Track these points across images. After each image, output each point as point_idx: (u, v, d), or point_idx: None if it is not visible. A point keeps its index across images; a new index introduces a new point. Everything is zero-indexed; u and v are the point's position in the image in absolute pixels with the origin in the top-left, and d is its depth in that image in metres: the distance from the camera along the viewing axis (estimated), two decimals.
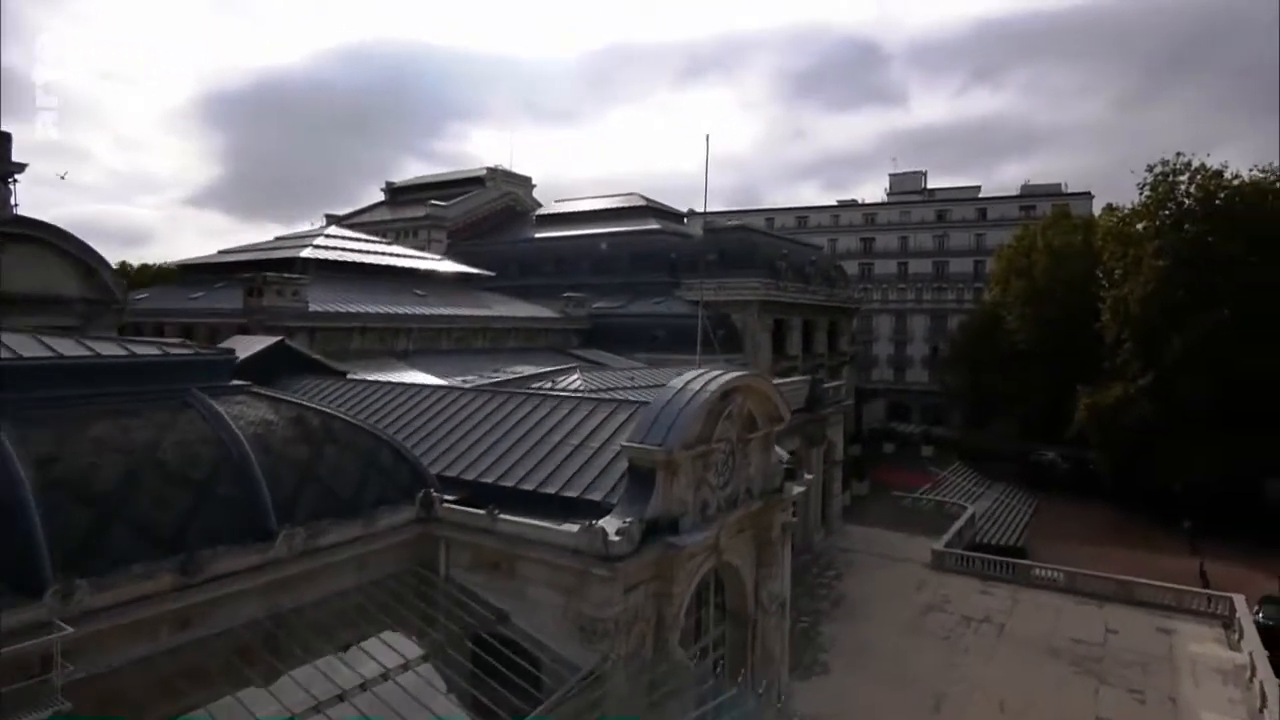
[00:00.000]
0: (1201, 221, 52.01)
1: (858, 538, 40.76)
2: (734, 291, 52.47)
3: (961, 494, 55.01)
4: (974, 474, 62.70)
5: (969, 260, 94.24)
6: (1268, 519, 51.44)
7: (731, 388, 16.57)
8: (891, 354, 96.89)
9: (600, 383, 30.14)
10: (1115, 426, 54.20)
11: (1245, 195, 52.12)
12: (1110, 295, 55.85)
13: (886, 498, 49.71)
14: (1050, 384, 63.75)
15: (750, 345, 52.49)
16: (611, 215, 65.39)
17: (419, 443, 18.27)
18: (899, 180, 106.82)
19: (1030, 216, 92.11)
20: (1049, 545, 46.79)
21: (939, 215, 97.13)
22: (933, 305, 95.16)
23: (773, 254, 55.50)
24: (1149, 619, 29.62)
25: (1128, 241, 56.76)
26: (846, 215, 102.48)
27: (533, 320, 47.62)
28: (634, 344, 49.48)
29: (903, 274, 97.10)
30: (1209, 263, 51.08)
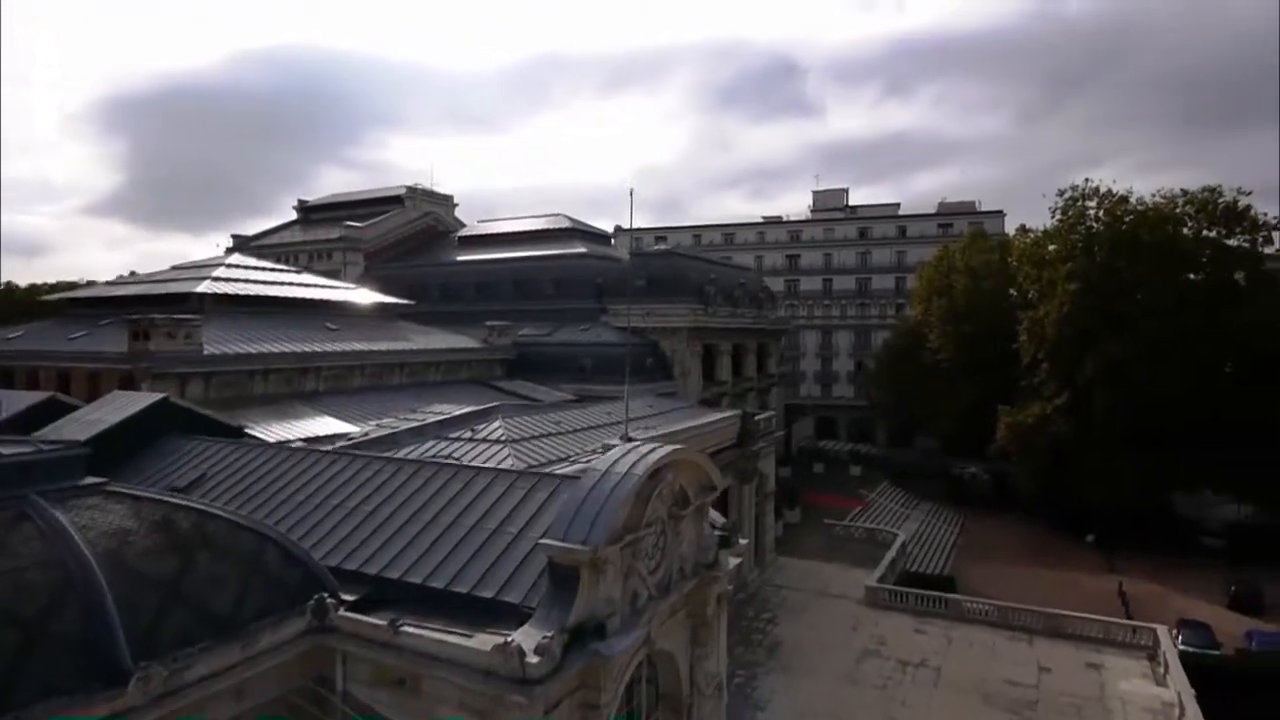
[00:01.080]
0: (1109, 246, 53.97)
1: (791, 572, 40.18)
2: (662, 318, 51.56)
3: (891, 517, 55.48)
4: (902, 493, 63.50)
5: (891, 276, 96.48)
6: (1178, 532, 53.81)
7: (662, 465, 15.28)
8: (818, 370, 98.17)
9: (523, 429, 28.50)
10: (1033, 444, 55.66)
11: (1149, 220, 54.38)
12: (1027, 317, 57.45)
13: (818, 525, 49.52)
14: (972, 400, 65.29)
15: (680, 373, 51.64)
16: (537, 237, 63.65)
17: (314, 528, 16.36)
18: (822, 197, 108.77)
19: (948, 234, 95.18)
20: (976, 569, 47.43)
21: (861, 232, 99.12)
22: (857, 321, 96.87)
23: (701, 279, 54.83)
24: (1078, 654, 29.85)
25: (1041, 264, 58.55)
26: (772, 232, 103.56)
27: (454, 352, 45.47)
28: (560, 373, 47.97)
29: (828, 290, 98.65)
30: (1118, 286, 53.09)
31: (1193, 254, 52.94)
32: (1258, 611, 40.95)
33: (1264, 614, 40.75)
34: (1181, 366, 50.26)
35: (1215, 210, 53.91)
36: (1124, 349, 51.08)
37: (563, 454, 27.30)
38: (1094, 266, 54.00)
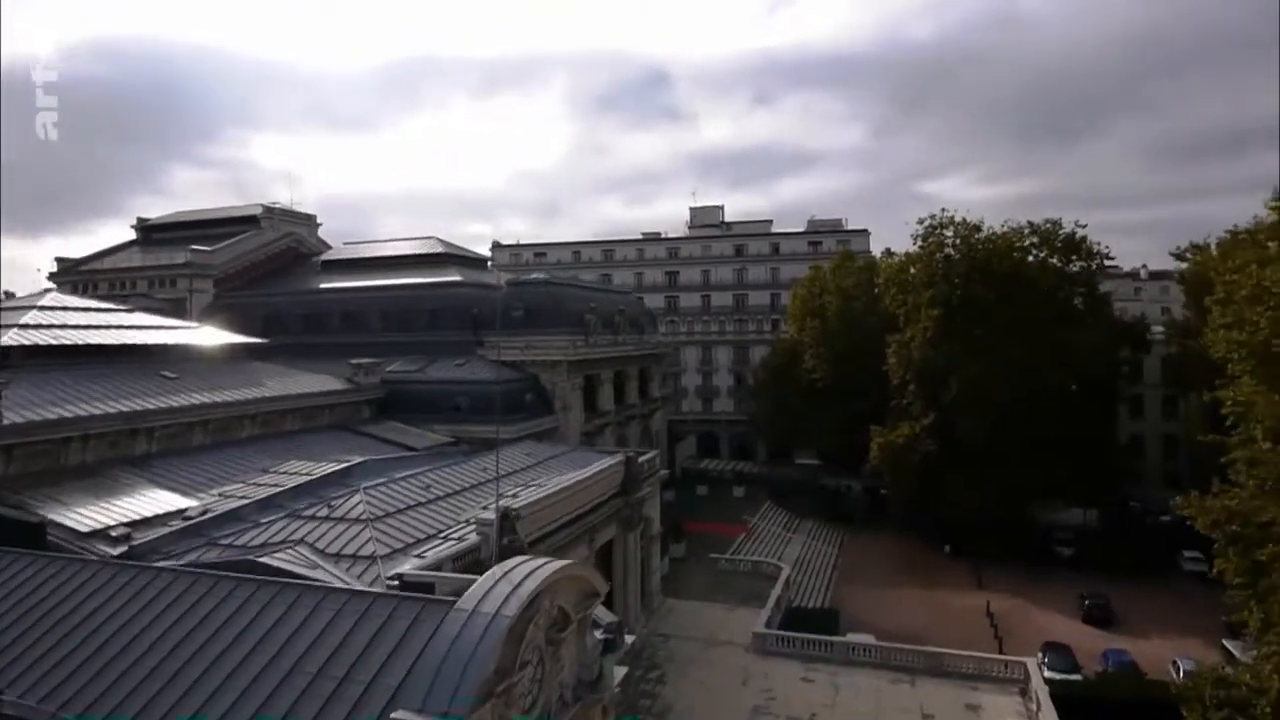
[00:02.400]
0: (966, 273, 56.87)
1: (679, 617, 39.39)
2: (542, 351, 49.69)
3: (774, 542, 56.08)
4: (783, 514, 64.51)
5: (766, 293, 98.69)
6: (1035, 542, 57.36)
7: (539, 592, 13.63)
8: (700, 385, 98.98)
9: (386, 500, 26.01)
10: (904, 463, 57.85)
11: (999, 249, 57.78)
12: (894, 341, 59.65)
13: (705, 558, 49.14)
14: (847, 419, 67.38)
15: (561, 407, 49.94)
16: (408, 263, 59.98)
17: (79, 693, 13.29)
18: (699, 214, 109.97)
19: (818, 251, 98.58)
20: (856, 594, 48.53)
21: (737, 249, 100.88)
22: (735, 337, 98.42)
23: (580, 307, 53.34)
24: (957, 693, 30.59)
25: (906, 288, 61.05)
26: (651, 249, 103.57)
27: (315, 396, 41.64)
28: (434, 413, 45.06)
29: (706, 306, 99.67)
30: (975, 312, 56.01)
31: (1038, 281, 56.59)
32: (1108, 624, 43.94)
33: (1114, 626, 43.78)
34: (1033, 386, 53.46)
35: (1056, 240, 57.99)
36: (983, 372, 53.87)
37: (432, 528, 25.09)
38: (953, 293, 56.75)
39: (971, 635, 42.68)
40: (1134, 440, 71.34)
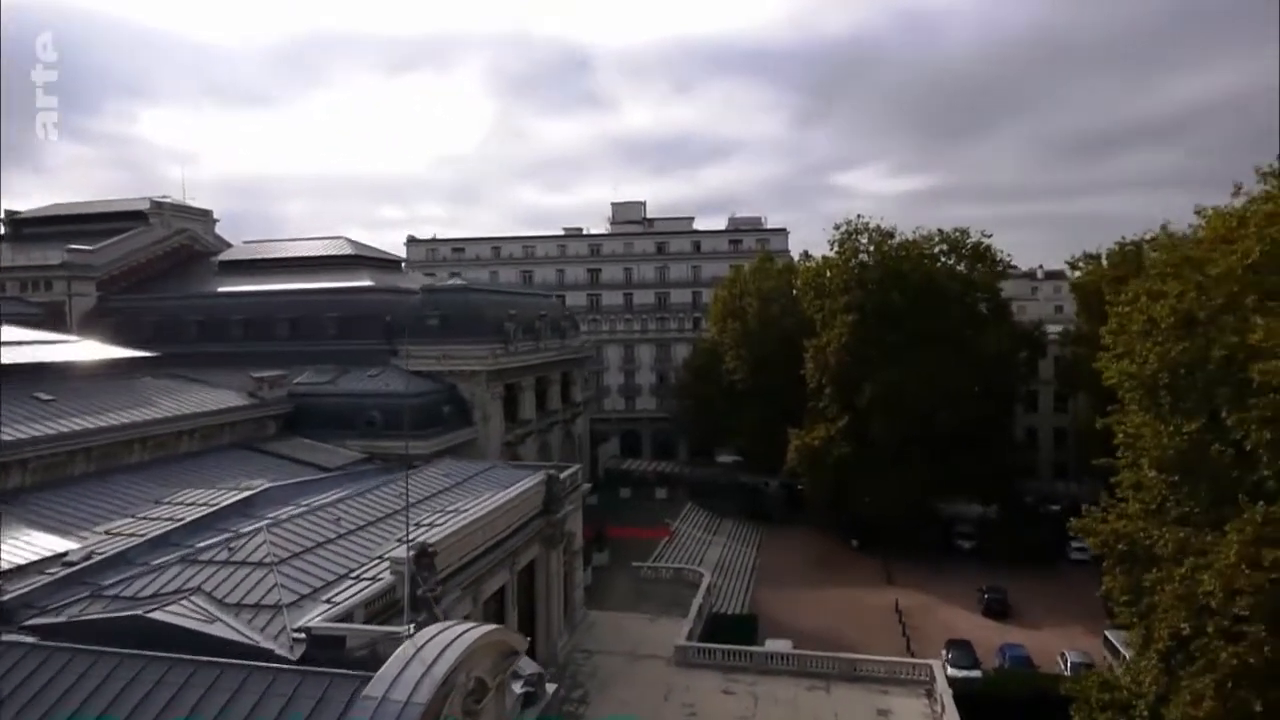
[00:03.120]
0: (879, 280, 58.62)
1: (602, 630, 39.29)
2: (459, 361, 48.49)
3: (696, 546, 56.71)
4: (705, 515, 65.30)
5: (688, 291, 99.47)
6: (939, 536, 59.97)
7: (455, 668, 13.14)
8: (622, 383, 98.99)
9: (291, 539, 24.67)
10: (820, 464, 59.38)
11: (911, 257, 59.81)
12: (811, 345, 61.01)
13: (627, 566, 49.17)
14: (766, 418, 68.69)
15: (480, 418, 48.91)
16: (315, 265, 57.27)
17: None
18: (621, 209, 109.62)
19: (738, 250, 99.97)
20: (774, 596, 49.65)
21: (659, 247, 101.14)
22: (658, 335, 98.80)
23: (500, 314, 52.32)
24: (869, 698, 31.70)
25: (822, 293, 62.50)
26: (573, 245, 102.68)
27: (213, 415, 39.32)
28: (347, 428, 43.47)
29: (629, 304, 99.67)
30: (888, 317, 57.84)
31: (947, 288, 58.86)
32: (1005, 616, 46.40)
33: (1010, 618, 46.25)
34: (941, 389, 55.64)
35: (964, 248, 60.45)
36: (895, 376, 55.73)
37: (343, 567, 23.98)
38: (868, 299, 58.43)
39: (882, 633, 44.49)
40: (1029, 433, 75.51)
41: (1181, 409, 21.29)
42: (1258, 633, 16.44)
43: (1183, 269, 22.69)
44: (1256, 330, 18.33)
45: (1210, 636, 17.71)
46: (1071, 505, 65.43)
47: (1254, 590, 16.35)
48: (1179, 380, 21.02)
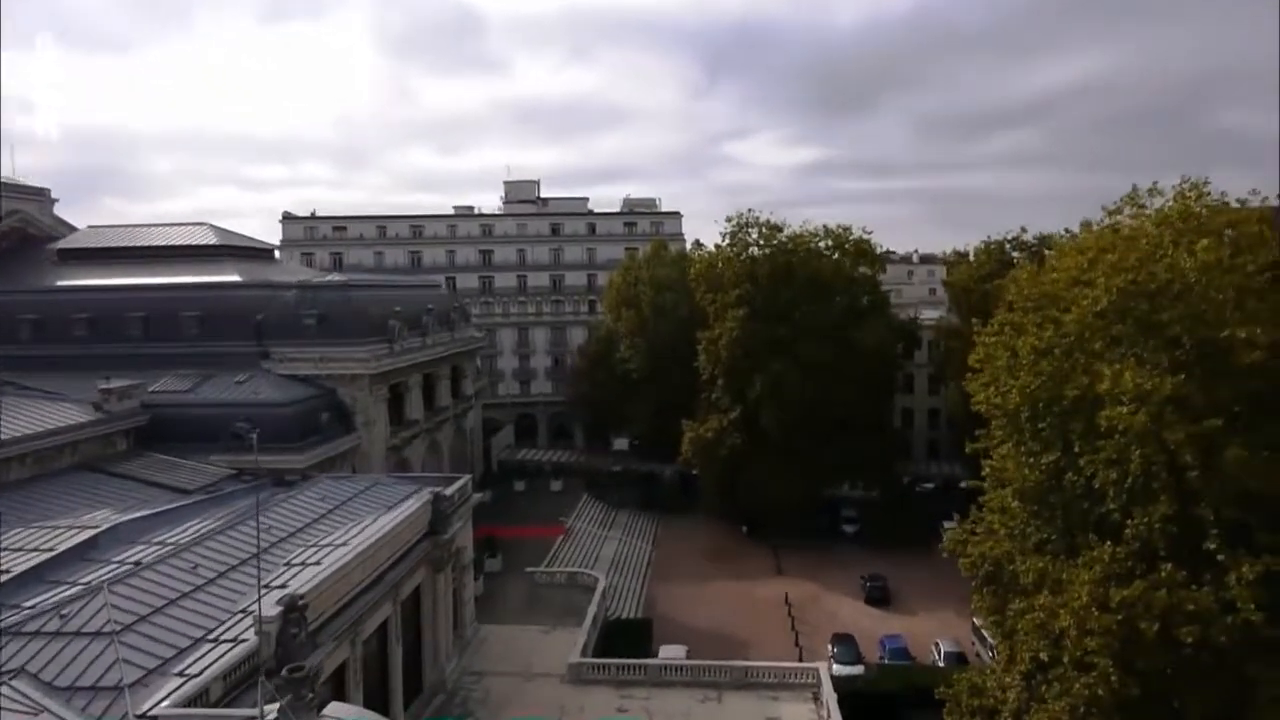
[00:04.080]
0: (769, 275, 59.51)
1: (494, 647, 38.48)
2: (339, 364, 45.90)
3: (591, 543, 56.60)
4: (600, 508, 65.24)
5: (583, 274, 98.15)
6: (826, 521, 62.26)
7: None
8: (516, 367, 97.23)
9: (138, 597, 22.40)
10: (713, 456, 60.32)
11: (799, 253, 60.96)
12: (704, 338, 61.47)
13: (521, 570, 48.34)
14: (662, 407, 69.11)
15: (363, 423, 46.61)
16: (173, 256, 52.31)
17: None
18: (514, 188, 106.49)
19: (633, 233, 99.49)
20: (669, 594, 50.25)
21: (553, 229, 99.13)
22: (552, 318, 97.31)
23: (383, 312, 49.72)
24: (759, 705, 32.59)
25: (715, 286, 62.92)
26: (464, 226, 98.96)
27: (51, 433, 35.45)
28: (211, 441, 40.11)
29: (522, 287, 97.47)
30: (778, 312, 58.94)
31: (832, 283, 60.46)
32: (886, 604, 48.80)
33: (890, 605, 48.69)
34: (827, 381, 57.36)
35: (847, 244, 62.19)
36: (784, 369, 57.00)
37: (200, 627, 22.01)
38: (758, 293, 59.30)
39: (772, 627, 45.92)
40: (906, 414, 79.43)
41: (1040, 439, 22.46)
42: (1106, 667, 17.62)
43: (1042, 304, 23.81)
44: (1104, 380, 19.41)
45: (1065, 666, 18.90)
46: (944, 485, 70.39)
47: (1103, 631, 17.49)
48: (1037, 414, 22.13)
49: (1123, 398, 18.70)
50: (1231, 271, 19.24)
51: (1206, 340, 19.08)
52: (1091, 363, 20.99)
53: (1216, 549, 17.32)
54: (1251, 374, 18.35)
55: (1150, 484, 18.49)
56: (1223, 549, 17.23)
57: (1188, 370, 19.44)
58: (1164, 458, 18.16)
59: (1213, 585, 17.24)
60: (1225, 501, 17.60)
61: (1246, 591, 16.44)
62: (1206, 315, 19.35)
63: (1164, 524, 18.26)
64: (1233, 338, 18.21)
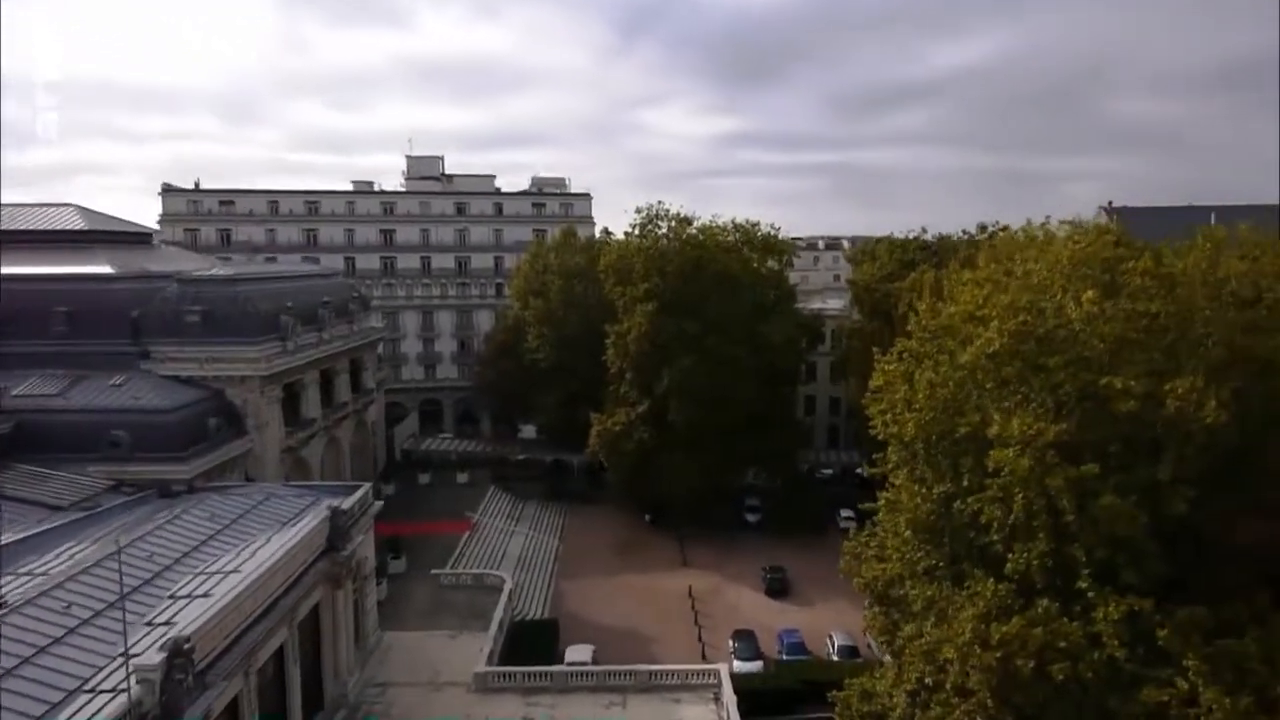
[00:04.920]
0: (678, 269, 59.91)
1: (398, 655, 37.81)
2: (228, 364, 43.39)
3: (498, 539, 56.21)
4: (508, 499, 64.77)
5: (490, 255, 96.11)
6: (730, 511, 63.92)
7: None
8: (421, 351, 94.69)
9: (11, 648, 20.79)
10: (621, 449, 60.75)
11: (707, 244, 61.61)
12: (613, 331, 61.46)
13: (426, 571, 47.45)
14: (571, 396, 68.98)
15: (255, 426, 44.35)
16: (37, 243, 47.58)
17: None
18: (416, 164, 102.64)
19: (541, 214, 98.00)
20: (576, 590, 50.60)
21: (459, 208, 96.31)
22: (458, 301, 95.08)
23: (275, 307, 47.22)
24: (663, 708, 33.50)
25: (624, 279, 62.89)
26: (364, 203, 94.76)
27: None
28: (85, 451, 37.61)
29: (426, 268, 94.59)
30: (686, 306, 59.55)
31: (740, 278, 61.54)
32: (785, 594, 50.80)
33: (789, 596, 50.73)
34: (736, 375, 58.60)
35: (755, 239, 63.34)
36: (693, 363, 57.80)
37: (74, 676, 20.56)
38: (667, 288, 59.69)
39: (677, 621, 47.05)
40: (808, 401, 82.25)
41: (932, 468, 23.79)
42: (984, 697, 19.07)
43: (940, 335, 25.07)
44: (994, 424, 20.74)
45: (948, 692, 20.31)
46: (843, 471, 73.61)
47: (984, 668, 18.87)
48: (930, 445, 23.42)
49: (1010, 441, 20.02)
50: (1112, 321, 20.77)
51: (1087, 386, 20.62)
52: (983, 401, 22.33)
53: (1088, 587, 18.93)
54: (1127, 420, 19.97)
55: (1031, 522, 19.94)
56: (1093, 587, 18.85)
57: (1070, 414, 20.99)
58: (1044, 501, 19.60)
59: (1082, 620, 18.87)
60: (1096, 543, 19.20)
61: (1112, 628, 18.08)
62: (1088, 362, 20.90)
63: (1041, 560, 19.79)
64: (1110, 386, 19.76)
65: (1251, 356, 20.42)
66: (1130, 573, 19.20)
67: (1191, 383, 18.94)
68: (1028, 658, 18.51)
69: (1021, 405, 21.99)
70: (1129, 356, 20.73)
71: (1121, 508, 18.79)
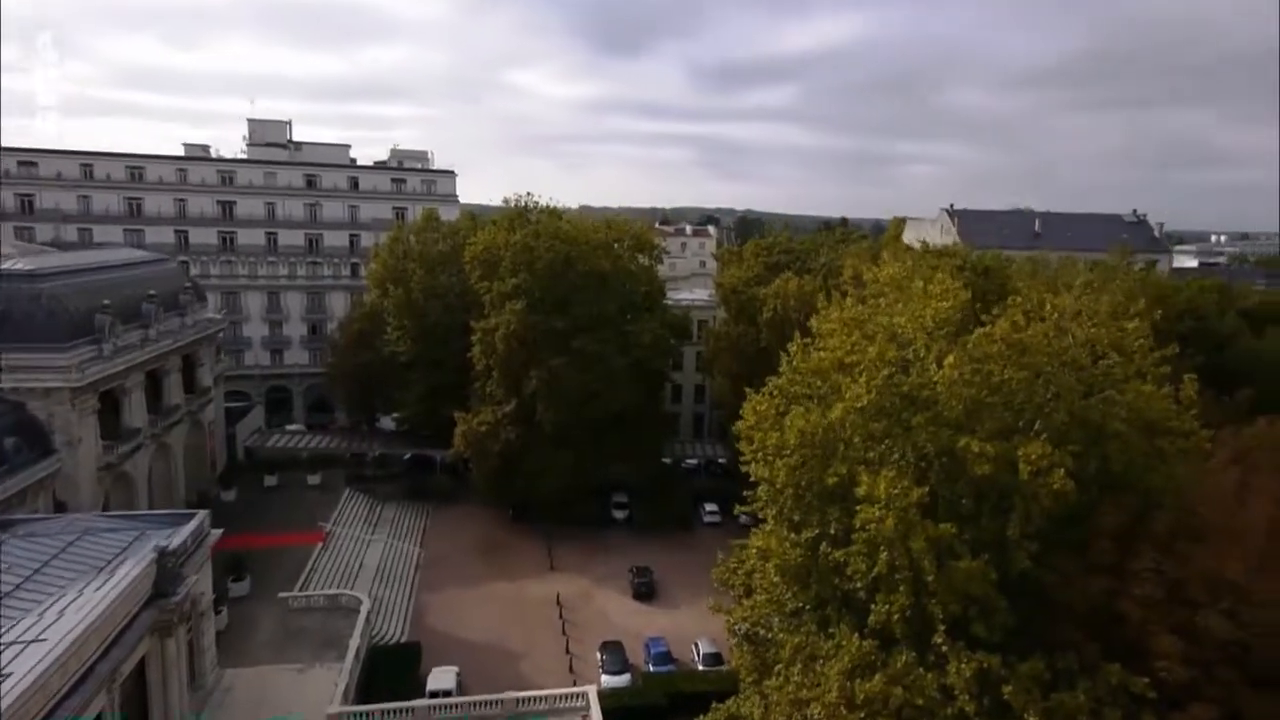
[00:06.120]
0: (548, 266, 58.28)
1: (240, 696, 34.76)
2: (30, 375, 37.80)
3: (354, 547, 53.08)
4: (365, 502, 61.33)
5: (344, 234, 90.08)
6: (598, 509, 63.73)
7: None
8: (266, 335, 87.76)
9: None
10: (487, 449, 58.91)
11: (577, 241, 60.28)
12: (479, 328, 59.12)
13: (273, 599, 43.73)
14: (434, 391, 66.01)
15: (64, 442, 39.04)
16: None
17: None
18: (261, 128, 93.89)
19: (401, 191, 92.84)
20: (439, 604, 48.69)
21: (309, 181, 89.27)
22: (309, 282, 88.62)
23: (88, 305, 41.63)
24: None
25: (491, 272, 60.51)
26: (198, 171, 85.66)
27: None
28: None
29: (272, 246, 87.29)
30: (555, 304, 58.19)
31: (612, 275, 60.78)
32: (652, 598, 51.33)
33: (656, 599, 51.32)
34: (605, 374, 58.05)
35: (626, 239, 62.70)
36: (562, 363, 56.68)
37: None
38: (537, 284, 58.03)
39: (545, 631, 46.38)
40: (675, 389, 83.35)
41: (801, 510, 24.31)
42: None
43: (810, 380, 25.53)
44: (862, 484, 21.37)
45: None
46: (707, 463, 75.31)
47: None
48: (799, 492, 23.90)
49: (877, 500, 20.67)
50: (969, 385, 21.82)
51: (946, 443, 21.60)
52: (852, 452, 22.96)
53: (943, 642, 19.97)
54: (982, 481, 21.12)
55: (893, 576, 20.77)
56: (948, 643, 19.92)
57: (930, 469, 21.99)
58: (906, 559, 20.44)
59: (937, 672, 19.92)
60: (952, 599, 20.28)
61: (963, 683, 19.19)
62: (947, 421, 21.89)
63: (902, 612, 20.69)
64: (968, 448, 20.79)
65: (1087, 421, 22.17)
66: (980, 626, 20.45)
67: (1042, 449, 20.28)
68: (889, 717, 19.36)
69: (886, 457, 22.79)
70: (983, 417, 21.94)
71: (976, 568, 19.94)
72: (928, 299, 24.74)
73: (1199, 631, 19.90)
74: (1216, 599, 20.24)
